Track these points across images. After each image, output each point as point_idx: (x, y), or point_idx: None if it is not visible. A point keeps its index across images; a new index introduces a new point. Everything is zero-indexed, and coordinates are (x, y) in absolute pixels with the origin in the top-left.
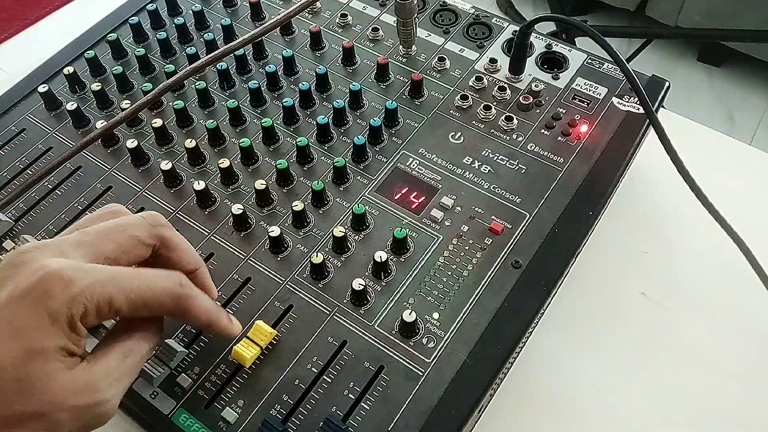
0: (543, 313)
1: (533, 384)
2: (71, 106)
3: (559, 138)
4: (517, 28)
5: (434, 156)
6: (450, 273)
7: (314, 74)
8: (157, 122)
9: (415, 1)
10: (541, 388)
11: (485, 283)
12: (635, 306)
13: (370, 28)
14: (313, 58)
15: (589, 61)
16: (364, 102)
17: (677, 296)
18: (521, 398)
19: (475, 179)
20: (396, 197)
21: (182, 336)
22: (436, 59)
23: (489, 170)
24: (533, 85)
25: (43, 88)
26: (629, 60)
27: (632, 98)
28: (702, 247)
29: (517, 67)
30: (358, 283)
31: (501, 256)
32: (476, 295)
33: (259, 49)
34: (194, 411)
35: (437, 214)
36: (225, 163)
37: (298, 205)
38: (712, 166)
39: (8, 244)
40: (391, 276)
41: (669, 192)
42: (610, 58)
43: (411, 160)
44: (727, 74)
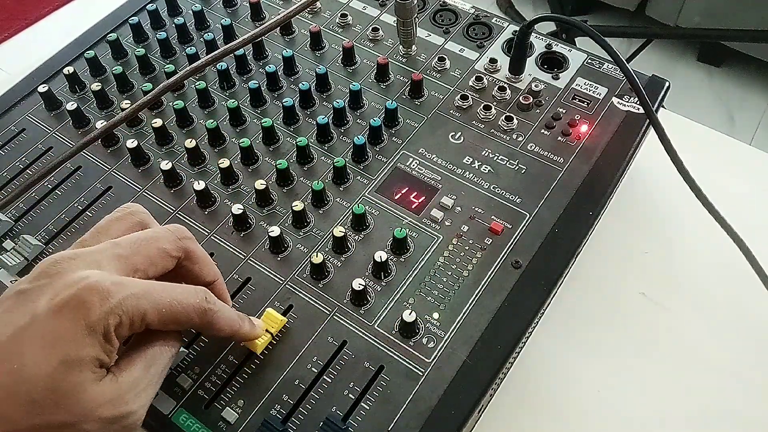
0: (543, 313)
1: (533, 384)
2: (71, 106)
3: (559, 138)
4: (517, 28)
5: (434, 156)
6: (450, 273)
7: (314, 74)
8: (157, 122)
9: (415, 1)
10: (541, 388)
11: (485, 283)
12: (635, 306)
13: (370, 28)
14: (313, 58)
15: (589, 61)
16: (364, 102)
17: (677, 296)
18: (521, 398)
19: (475, 179)
20: (396, 197)
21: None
22: (436, 59)
23: (489, 170)
24: (533, 85)
25: (43, 88)
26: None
27: (632, 98)
28: (702, 247)
29: (517, 67)
30: (358, 283)
31: (501, 256)
32: (476, 295)
33: (259, 49)
34: (194, 411)
35: (437, 214)
36: (225, 163)
37: (298, 205)
38: (712, 166)
39: (8, 244)
40: (391, 276)
41: (669, 192)
42: (610, 58)
43: (411, 160)
44: (727, 74)
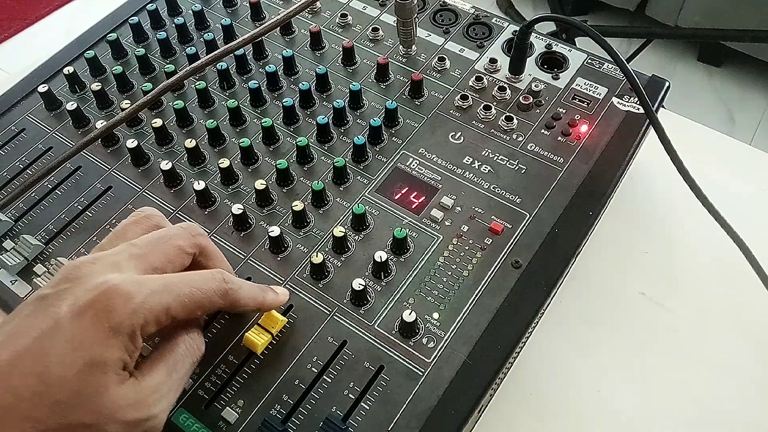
0: (543, 313)
1: (533, 384)
2: (71, 106)
3: (559, 138)
4: (517, 28)
5: (434, 156)
6: (450, 273)
7: (314, 74)
8: (157, 122)
9: (415, 1)
10: (541, 388)
11: (485, 283)
12: (635, 306)
13: (370, 28)
14: (313, 58)
15: (589, 61)
16: (364, 102)
17: (677, 296)
18: (521, 398)
19: (475, 179)
20: (396, 197)
21: None
22: (436, 59)
23: (489, 170)
24: (533, 85)
25: (43, 88)
26: (629, 60)
27: (632, 98)
28: (702, 247)
29: (517, 67)
30: (358, 283)
31: (501, 256)
32: (476, 295)
33: (259, 49)
34: (194, 411)
35: (437, 214)
36: (225, 163)
37: (298, 205)
38: (712, 166)
39: (8, 244)
40: (391, 276)
41: (669, 192)
42: (610, 58)
43: (411, 160)
44: (727, 74)
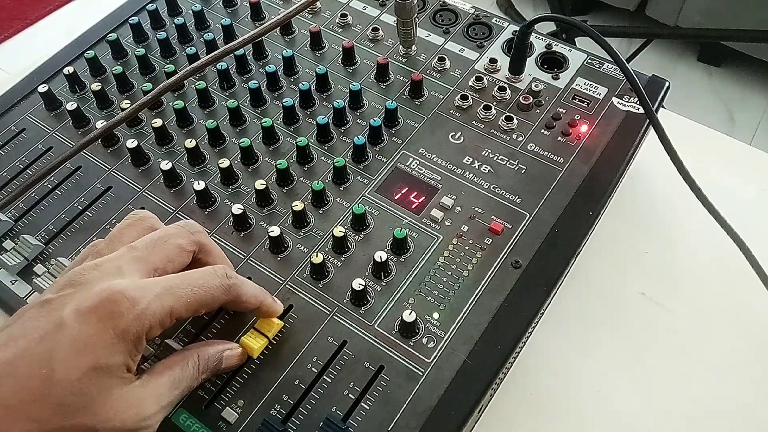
0: (543, 313)
1: (533, 384)
2: (71, 106)
3: (559, 138)
4: (517, 28)
5: (434, 156)
6: (450, 273)
7: (314, 74)
8: (157, 122)
9: (415, 1)
10: (541, 388)
11: (485, 283)
12: (635, 306)
13: (370, 28)
14: (313, 58)
15: (589, 61)
16: (364, 102)
17: (677, 296)
18: (521, 398)
19: (475, 179)
20: (396, 197)
21: (182, 336)
22: (436, 59)
23: (489, 170)
24: (533, 85)
25: (43, 88)
26: (629, 60)
27: (632, 98)
28: (702, 247)
29: (517, 67)
30: (358, 283)
31: (501, 256)
32: (476, 295)
33: (259, 49)
34: (194, 411)
35: (437, 214)
36: (225, 163)
37: (298, 205)
38: (712, 166)
39: (8, 244)
40: (391, 276)
41: (669, 192)
42: (610, 58)
43: (411, 160)
44: (727, 74)
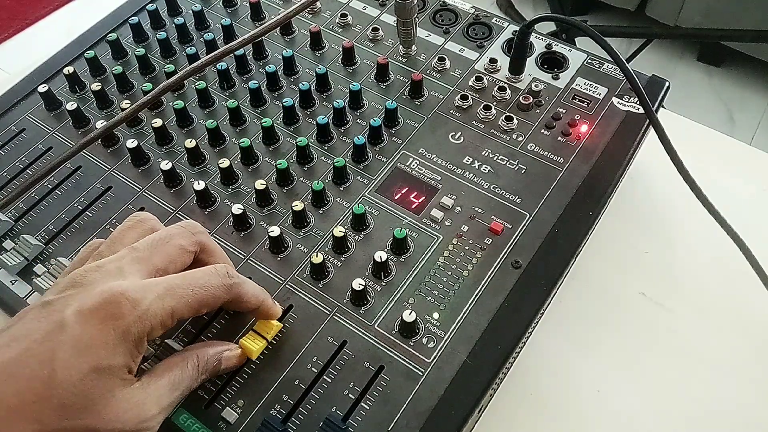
0: (543, 313)
1: (533, 384)
2: (71, 106)
3: (559, 138)
4: (517, 28)
5: (434, 156)
6: (450, 273)
7: (314, 74)
8: (157, 122)
9: (415, 1)
10: (541, 388)
11: (485, 283)
12: (635, 306)
13: (370, 28)
14: (313, 58)
15: (589, 61)
16: (364, 102)
17: (677, 296)
18: (521, 398)
19: (475, 179)
20: (396, 197)
21: (182, 336)
22: (436, 59)
23: (489, 170)
24: (533, 85)
25: (43, 88)
26: (629, 60)
27: (632, 98)
28: (702, 247)
29: (517, 67)
30: (358, 283)
31: (501, 256)
32: (476, 295)
33: (259, 49)
34: (194, 411)
35: (437, 214)
36: (225, 163)
37: (298, 205)
38: (712, 166)
39: (8, 244)
40: (391, 276)
41: (669, 192)
42: (610, 58)
43: (411, 160)
44: (727, 74)
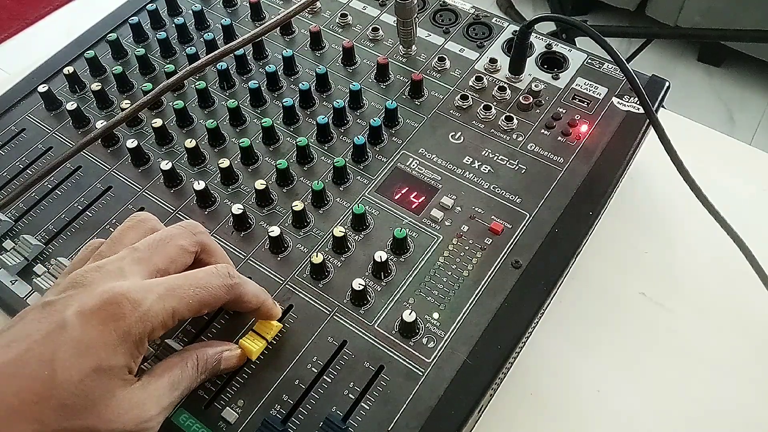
0: (543, 313)
1: (533, 384)
2: (71, 106)
3: (559, 138)
4: (517, 28)
5: (434, 156)
6: (450, 273)
7: (314, 74)
8: (157, 122)
9: (415, 1)
10: (541, 388)
11: (485, 283)
12: (635, 306)
13: (370, 28)
14: (313, 58)
15: (589, 61)
16: (364, 102)
17: (677, 296)
18: (521, 398)
19: (475, 179)
20: (396, 197)
21: (182, 336)
22: (436, 59)
23: (489, 170)
24: (533, 85)
25: (43, 88)
26: (629, 60)
27: (632, 98)
28: (702, 247)
29: (517, 67)
30: (358, 283)
31: (501, 256)
32: (476, 295)
33: (259, 49)
34: (194, 411)
35: (437, 214)
36: (225, 163)
37: (298, 205)
38: (712, 166)
39: (8, 244)
40: (391, 276)
41: (669, 192)
42: (610, 58)
43: (411, 160)
44: (727, 74)
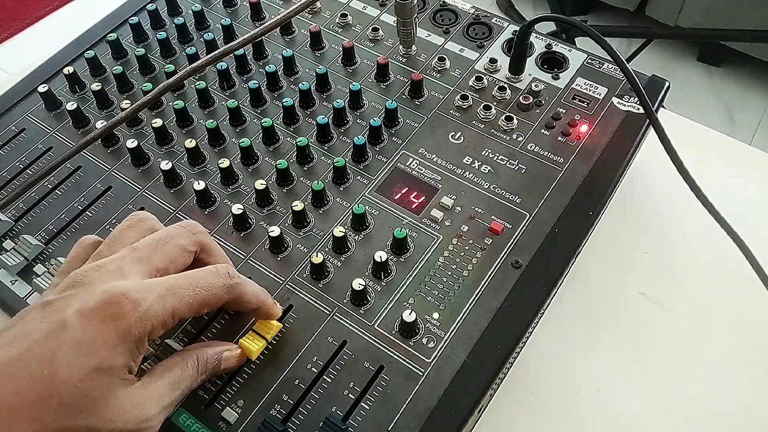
0: (543, 313)
1: (533, 384)
2: (71, 106)
3: (559, 138)
4: (517, 28)
5: (434, 156)
6: (450, 273)
7: (314, 74)
8: (157, 122)
9: (415, 1)
10: (541, 388)
11: (485, 283)
12: (635, 306)
13: (370, 28)
14: (313, 58)
15: (589, 61)
16: (364, 102)
17: (677, 296)
18: (521, 398)
19: (475, 179)
20: (396, 197)
21: (182, 336)
22: (436, 59)
23: (489, 170)
24: (533, 85)
25: (43, 88)
26: (629, 60)
27: (632, 98)
28: (702, 247)
29: (517, 67)
30: (358, 283)
31: (501, 256)
32: (476, 295)
33: (259, 49)
34: (194, 411)
35: (437, 214)
36: (225, 163)
37: (298, 205)
38: (712, 166)
39: (8, 244)
40: (391, 276)
41: (669, 192)
42: (610, 58)
43: (411, 160)
44: (727, 74)
